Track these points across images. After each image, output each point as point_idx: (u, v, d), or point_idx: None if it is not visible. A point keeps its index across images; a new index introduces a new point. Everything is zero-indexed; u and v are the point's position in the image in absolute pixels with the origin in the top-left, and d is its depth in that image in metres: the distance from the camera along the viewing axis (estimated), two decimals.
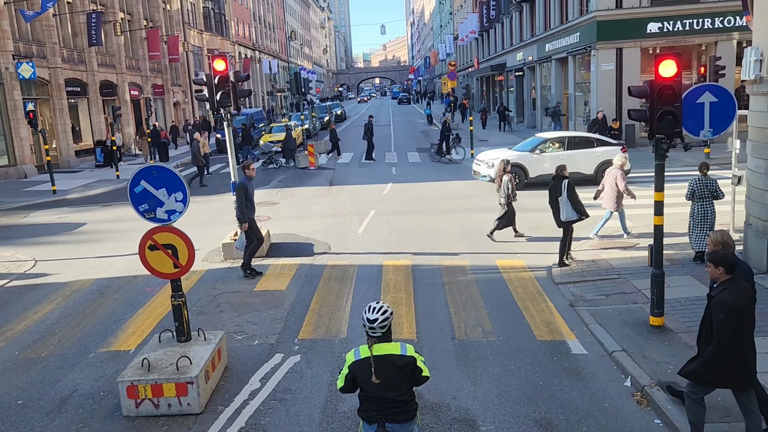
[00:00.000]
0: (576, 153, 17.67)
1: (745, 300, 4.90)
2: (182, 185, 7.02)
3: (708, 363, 4.98)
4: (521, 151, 18.41)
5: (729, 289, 4.89)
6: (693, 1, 24.27)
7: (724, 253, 5.09)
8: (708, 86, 8.02)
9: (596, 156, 17.72)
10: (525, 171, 17.80)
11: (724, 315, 4.82)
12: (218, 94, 11.96)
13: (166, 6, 42.74)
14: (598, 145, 18.05)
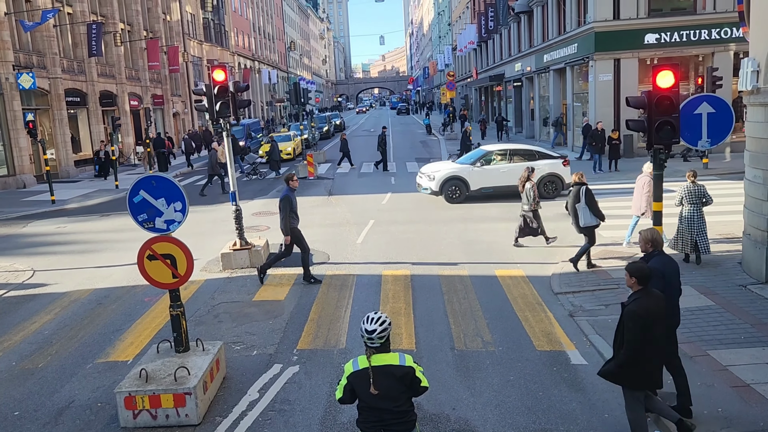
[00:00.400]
0: (517, 166, 17.53)
1: (653, 310, 5.22)
2: (181, 195, 7.02)
3: (620, 365, 5.34)
4: (463, 164, 18.37)
5: (639, 300, 5.24)
6: (690, 12, 24.44)
7: (639, 265, 5.40)
8: (705, 97, 8.06)
9: (537, 170, 17.42)
10: (466, 184, 17.78)
11: (633, 324, 5.17)
12: (218, 104, 12.00)
13: (166, 17, 42.94)
14: (539, 158, 17.99)
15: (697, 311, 8.56)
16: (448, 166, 18.72)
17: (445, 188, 17.81)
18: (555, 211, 15.98)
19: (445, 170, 18.10)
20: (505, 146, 19.70)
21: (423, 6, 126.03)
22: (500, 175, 17.69)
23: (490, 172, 17.79)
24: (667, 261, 5.95)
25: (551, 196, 17.68)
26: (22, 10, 26.77)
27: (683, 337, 7.72)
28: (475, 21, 51.85)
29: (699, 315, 8.44)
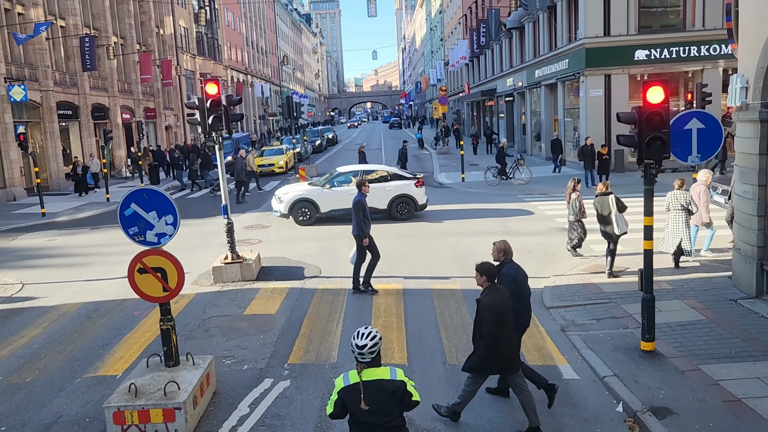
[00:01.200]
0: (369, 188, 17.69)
1: (503, 301, 6.01)
2: (173, 208, 7.00)
3: (482, 356, 6.06)
4: (314, 186, 18.21)
5: (490, 294, 6.00)
6: (679, 29, 24.73)
7: (487, 265, 6.16)
8: (695, 113, 8.14)
9: (389, 190, 17.66)
10: (315, 206, 17.52)
11: (488, 314, 5.91)
12: (210, 117, 11.98)
13: (159, 31, 43.06)
14: (392, 178, 17.96)
15: (688, 326, 8.58)
16: (298, 188, 18.44)
17: (294, 210, 17.51)
18: (546, 225, 16.04)
19: (294, 192, 17.80)
20: (357, 167, 19.44)
21: (415, 21, 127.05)
22: (350, 197, 17.55)
23: (340, 194, 17.45)
24: (516, 268, 6.70)
25: (404, 217, 17.66)
26: (14, 22, 26.77)
27: (675, 352, 7.73)
28: (467, 36, 52.30)
29: (690, 329, 8.45)
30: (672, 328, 8.48)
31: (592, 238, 12.85)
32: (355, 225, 11.17)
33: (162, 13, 43.53)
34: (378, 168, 19.50)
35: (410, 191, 17.78)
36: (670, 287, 10.27)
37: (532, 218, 17.29)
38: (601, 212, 11.24)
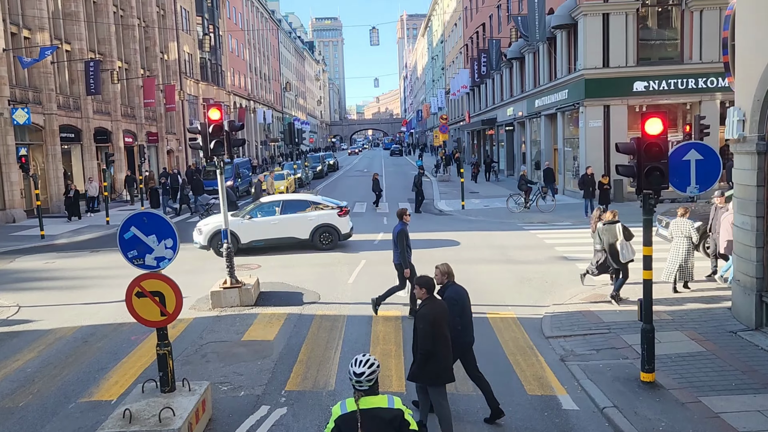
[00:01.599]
0: (290, 217, 17.59)
1: (439, 312, 6.32)
2: (172, 232, 7.01)
3: (419, 364, 6.34)
4: (234, 217, 17.69)
5: (427, 305, 6.33)
6: (677, 62, 25.03)
7: (426, 278, 6.53)
8: (693, 144, 8.19)
9: (311, 220, 17.58)
10: (236, 237, 16.94)
11: (424, 324, 6.21)
12: (212, 142, 12.08)
13: (163, 56, 43.55)
14: (314, 208, 17.92)
15: (688, 357, 8.52)
16: (218, 219, 17.78)
17: (214, 242, 16.97)
18: (546, 254, 16.02)
19: (213, 224, 17.40)
20: (279, 197, 19.30)
21: (417, 50, 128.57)
22: (271, 228, 17.44)
23: (260, 224, 17.43)
24: (459, 290, 7.03)
25: (327, 247, 17.59)
26: (20, 46, 27.10)
27: (675, 383, 7.67)
28: (468, 66, 52.88)
29: (690, 361, 8.40)
30: (672, 360, 8.42)
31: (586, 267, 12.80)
32: (396, 255, 11.19)
33: (167, 39, 44.08)
34: (299, 198, 19.32)
35: (333, 221, 17.72)
36: (670, 318, 10.22)
37: (531, 246, 17.29)
38: (608, 240, 11.35)
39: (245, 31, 69.03)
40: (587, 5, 24.67)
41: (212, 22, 54.02)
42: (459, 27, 60.48)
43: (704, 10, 24.26)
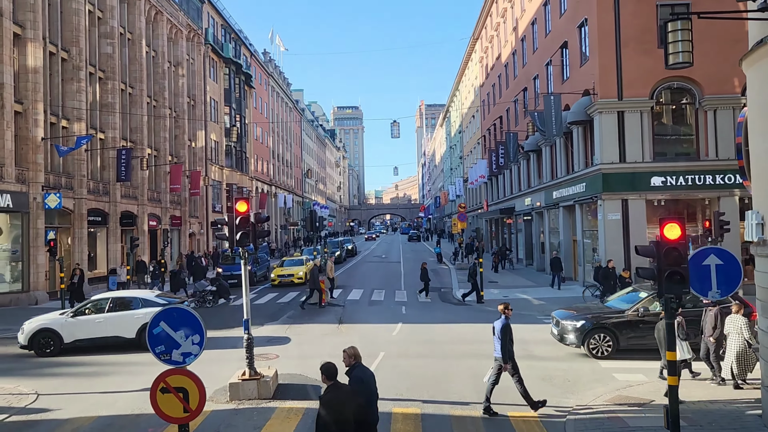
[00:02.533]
0: (115, 316, 17.16)
1: (343, 397, 6.73)
2: (200, 328, 7.15)
3: None
4: (57, 316, 17.48)
5: (332, 392, 6.79)
6: (693, 158, 25.39)
7: (328, 365, 7.01)
8: (712, 249, 8.31)
9: (138, 318, 17.00)
10: (58, 336, 16.71)
11: (326, 411, 6.60)
12: (238, 234, 12.43)
13: (191, 143, 45.21)
14: (143, 305, 17.32)
15: None
16: (42, 318, 17.66)
17: (35, 342, 16.65)
18: (566, 351, 15.79)
19: (36, 322, 17.03)
20: (107, 295, 18.79)
21: (435, 140, 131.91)
22: (96, 326, 17.05)
23: (85, 323, 17.03)
24: (365, 370, 7.56)
25: None
26: (58, 135, 28.42)
27: None
28: (485, 156, 54.04)
29: None
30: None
31: (609, 365, 12.63)
32: (498, 348, 11.22)
33: (195, 128, 45.90)
34: (128, 295, 18.84)
35: None
36: (698, 424, 9.94)
37: (551, 342, 17.05)
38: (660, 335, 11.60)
39: (270, 121, 71.64)
40: (602, 103, 25.45)
41: (239, 111, 56.32)
42: (477, 119, 62.29)
43: (718, 110, 24.87)
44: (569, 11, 30.01)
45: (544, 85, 35.05)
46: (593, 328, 14.99)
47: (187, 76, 44.96)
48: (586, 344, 14.96)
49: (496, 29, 51.08)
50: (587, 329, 15.01)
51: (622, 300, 16.40)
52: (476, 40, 62.97)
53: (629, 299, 16.03)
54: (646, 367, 13.49)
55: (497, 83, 50.89)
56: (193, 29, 46.05)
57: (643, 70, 24.73)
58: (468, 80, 71.28)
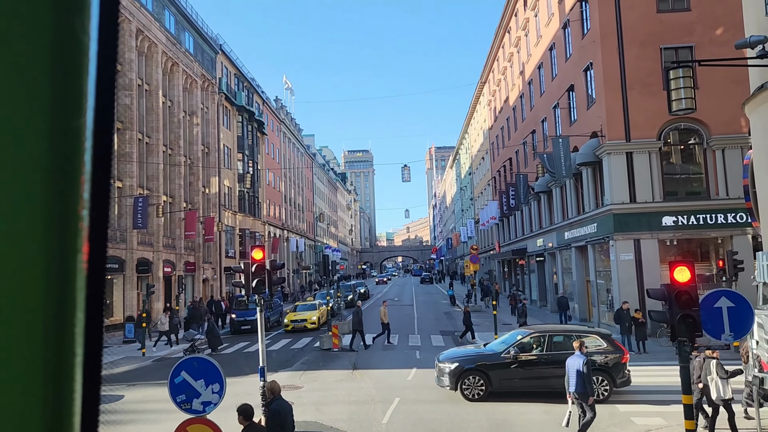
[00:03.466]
0: None
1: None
2: (220, 377, 7.33)
3: None
4: None
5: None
6: (704, 197, 25.48)
7: (245, 407, 7.60)
8: (724, 292, 8.41)
9: None
10: None
11: None
12: (254, 281, 12.66)
13: (205, 190, 45.92)
14: None
15: None
16: None
17: None
18: None
19: None
20: None
21: (446, 181, 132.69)
22: None
23: None
24: (284, 403, 8.16)
25: None
26: None
27: None
28: (496, 198, 54.33)
29: None
30: None
31: (632, 409, 12.54)
32: (580, 383, 11.28)
33: (209, 175, 46.70)
34: None
35: None
36: None
37: None
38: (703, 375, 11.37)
39: (282, 166, 72.68)
40: (610, 145, 25.77)
41: (252, 157, 57.26)
42: (486, 160, 62.85)
43: (726, 149, 25.09)
44: (574, 56, 30.66)
45: (552, 127, 35.54)
46: (466, 371, 15.15)
47: (202, 124, 45.99)
48: (459, 386, 15.11)
49: (503, 73, 52.06)
50: (460, 371, 15.18)
51: (502, 342, 16.54)
52: (484, 84, 64.07)
53: (508, 341, 16.19)
54: (663, 411, 13.36)
55: (506, 126, 51.57)
56: (208, 79, 47.32)
57: (650, 112, 25.09)
58: (477, 123, 72.20)
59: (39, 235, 0.57)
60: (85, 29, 0.59)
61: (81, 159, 0.60)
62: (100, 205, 0.66)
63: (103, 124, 0.63)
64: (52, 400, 0.57)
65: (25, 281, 0.56)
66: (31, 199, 0.56)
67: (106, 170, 0.65)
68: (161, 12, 40.22)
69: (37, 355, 0.56)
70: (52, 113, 0.57)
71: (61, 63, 0.58)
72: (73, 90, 0.59)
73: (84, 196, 0.62)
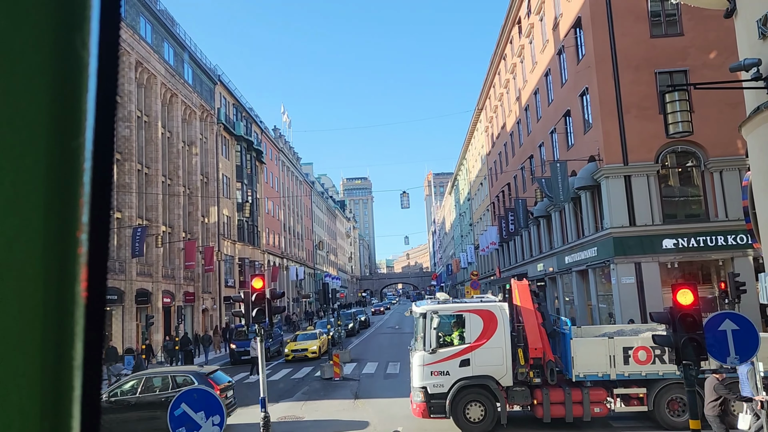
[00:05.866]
0: None
1: None
2: (221, 409, 7.21)
3: None
4: None
5: None
6: (703, 220, 25.46)
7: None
8: (727, 314, 8.34)
9: None
10: None
11: None
12: (254, 310, 12.56)
13: (204, 219, 45.94)
14: None
15: None
16: None
17: None
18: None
19: None
20: None
21: (444, 207, 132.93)
22: None
23: None
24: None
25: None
26: None
27: None
28: (495, 223, 54.36)
29: None
30: None
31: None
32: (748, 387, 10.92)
33: (208, 204, 46.76)
34: None
35: None
36: None
37: None
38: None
39: (281, 195, 72.84)
40: (608, 169, 25.85)
41: (251, 187, 57.43)
42: (485, 186, 63.04)
43: (724, 171, 25.15)
44: (570, 81, 30.95)
45: (550, 152, 35.72)
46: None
47: (200, 154, 46.20)
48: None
49: (499, 99, 52.52)
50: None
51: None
52: (481, 110, 64.61)
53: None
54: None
55: (503, 151, 51.84)
56: (206, 109, 47.69)
57: (647, 135, 25.22)
58: (474, 149, 72.60)
59: (38, 260, 0.54)
60: (85, 45, 0.57)
61: (80, 181, 0.58)
62: (100, 229, 0.63)
63: (103, 145, 0.61)
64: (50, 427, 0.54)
65: (24, 306, 0.53)
66: (27, 222, 0.54)
67: (106, 193, 0.62)
68: (160, 44, 40.69)
69: (36, 387, 0.53)
70: (50, 132, 0.55)
71: (60, 80, 0.55)
72: (72, 108, 0.56)
73: (83, 220, 0.59)
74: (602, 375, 14.15)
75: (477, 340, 14.62)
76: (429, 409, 14.61)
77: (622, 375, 14.13)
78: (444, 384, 14.56)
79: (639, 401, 14.24)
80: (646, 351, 13.90)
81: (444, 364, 14.66)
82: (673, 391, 13.93)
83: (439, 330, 14.91)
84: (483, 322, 14.72)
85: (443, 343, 14.93)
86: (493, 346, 14.53)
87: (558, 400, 14.21)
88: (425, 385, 14.71)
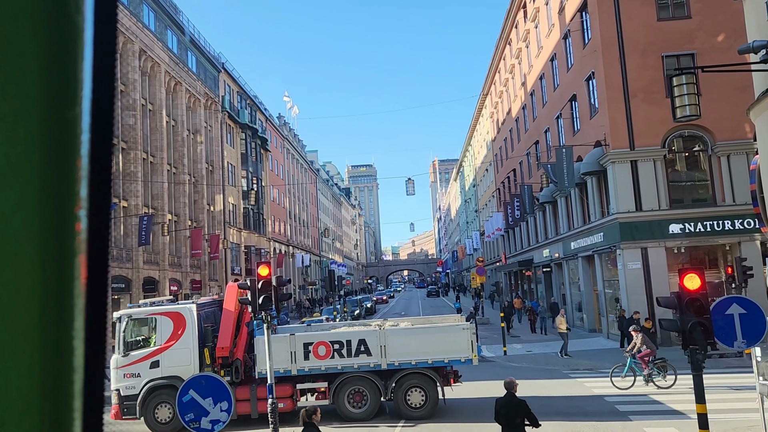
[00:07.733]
0: None
1: None
2: (228, 395, 7.26)
3: None
4: None
5: None
6: (710, 204, 25.33)
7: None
8: (735, 298, 8.32)
9: None
10: None
11: None
12: (261, 298, 12.60)
13: (210, 207, 46.03)
14: None
15: None
16: None
17: None
18: (595, 406, 15.49)
19: None
20: None
21: (450, 194, 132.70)
22: None
23: None
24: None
25: None
26: None
27: None
28: (501, 209, 54.25)
29: None
30: None
31: (639, 421, 12.34)
32: None
33: (213, 192, 46.83)
34: None
35: None
36: None
37: (579, 397, 16.77)
38: None
39: (286, 183, 72.85)
40: (614, 154, 25.70)
41: (256, 174, 57.44)
42: (490, 172, 62.86)
43: (731, 155, 24.96)
44: (576, 66, 30.71)
45: (556, 137, 35.53)
46: None
47: (205, 142, 46.21)
48: None
49: (505, 85, 52.21)
50: None
51: None
52: (486, 96, 64.26)
53: None
54: (677, 422, 13.18)
55: (509, 137, 51.62)
56: (211, 97, 47.61)
57: (654, 120, 25.05)
58: (480, 135, 72.32)
59: (34, 236, 0.51)
60: (79, 9, 0.53)
61: (76, 154, 0.55)
62: (100, 204, 0.60)
63: (101, 117, 0.58)
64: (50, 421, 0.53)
65: (21, 284, 0.51)
66: (24, 199, 0.52)
67: (105, 168, 0.59)
68: (164, 32, 40.57)
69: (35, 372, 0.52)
70: (43, 101, 0.52)
71: (53, 47, 0.52)
72: (66, 77, 0.53)
73: (81, 194, 0.56)
74: (284, 371, 14.83)
75: (167, 341, 15.12)
76: (122, 411, 15.01)
77: (303, 370, 14.90)
78: (135, 386, 14.98)
79: (322, 395, 15.07)
80: (325, 346, 14.79)
81: (135, 366, 15.07)
82: (353, 384, 14.88)
83: (131, 333, 15.36)
84: (173, 323, 15.20)
85: (142, 346, 15.35)
86: (181, 347, 15.07)
87: (243, 398, 14.82)
88: (118, 388, 15.06)
